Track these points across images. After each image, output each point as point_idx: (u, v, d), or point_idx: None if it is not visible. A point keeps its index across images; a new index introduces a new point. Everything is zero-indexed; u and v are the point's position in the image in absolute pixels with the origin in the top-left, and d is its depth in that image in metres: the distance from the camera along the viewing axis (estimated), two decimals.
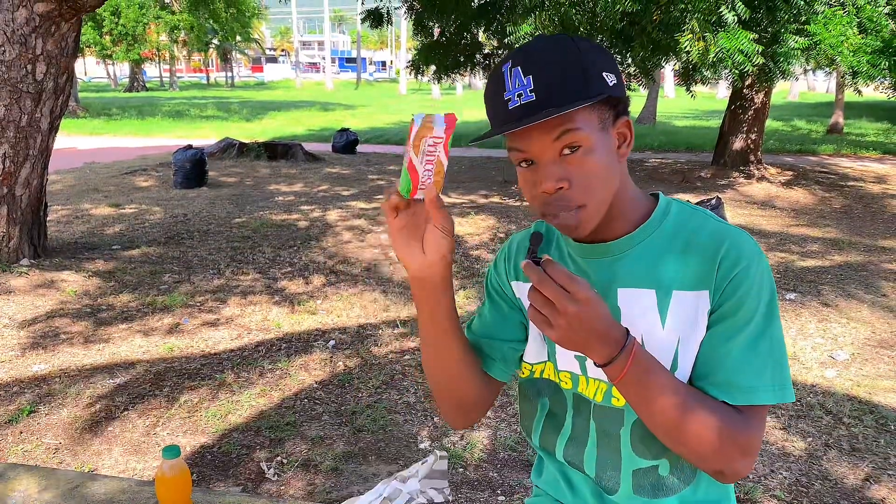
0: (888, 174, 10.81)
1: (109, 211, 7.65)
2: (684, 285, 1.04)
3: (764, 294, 1.02)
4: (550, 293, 0.91)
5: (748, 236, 1.05)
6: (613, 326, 0.96)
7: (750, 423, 1.01)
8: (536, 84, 0.97)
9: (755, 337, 1.01)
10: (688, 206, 1.11)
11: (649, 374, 0.98)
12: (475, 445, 2.95)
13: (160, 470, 1.33)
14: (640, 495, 1.13)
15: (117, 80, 48.01)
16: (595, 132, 1.00)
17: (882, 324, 4.47)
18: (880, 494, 2.62)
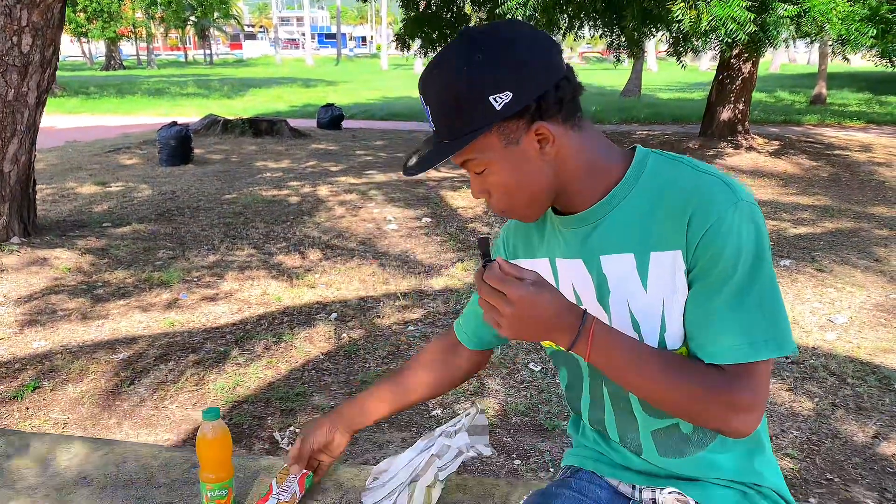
0: (873, 143, 10.89)
1: (96, 189, 7.53)
2: (660, 245, 1.02)
3: (745, 245, 0.96)
4: (489, 298, 0.95)
5: (722, 183, 0.99)
6: (563, 313, 0.96)
7: (740, 382, 0.97)
8: (431, 116, 1.03)
9: (739, 292, 0.97)
10: (667, 157, 1.07)
11: (615, 349, 0.99)
12: (487, 412, 2.96)
13: (201, 431, 1.31)
14: (667, 455, 1.13)
15: (93, 58, 47.14)
16: (498, 151, 1.01)
17: (876, 287, 4.53)
18: (890, 451, 2.67)
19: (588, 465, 1.24)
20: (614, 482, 1.20)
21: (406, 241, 5.63)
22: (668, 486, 1.13)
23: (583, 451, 1.28)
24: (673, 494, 1.12)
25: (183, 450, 1.61)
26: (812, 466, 2.57)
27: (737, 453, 1.12)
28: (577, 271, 1.11)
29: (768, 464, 1.15)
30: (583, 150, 1.04)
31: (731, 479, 1.11)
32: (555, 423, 2.85)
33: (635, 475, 1.17)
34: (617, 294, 1.06)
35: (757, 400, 0.99)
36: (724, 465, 1.11)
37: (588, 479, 1.22)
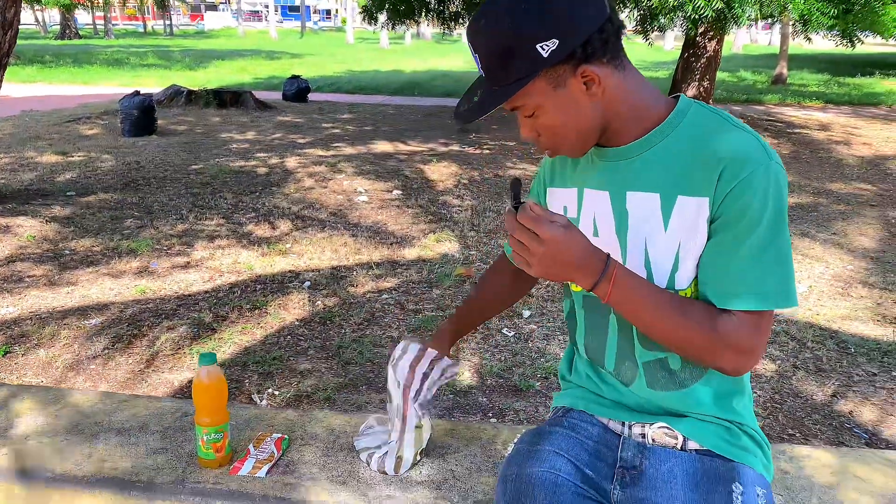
0: (831, 122, 11.16)
1: (57, 158, 7.37)
2: (688, 190, 1.07)
3: (770, 202, 1.02)
4: (521, 237, 1.00)
5: (758, 142, 1.05)
6: (590, 256, 1.03)
7: (746, 327, 1.04)
8: (481, 64, 1.07)
9: (759, 247, 1.03)
10: (708, 109, 1.12)
11: (634, 291, 1.05)
12: (463, 373, 3.01)
13: (197, 376, 1.33)
14: (654, 388, 1.19)
15: (47, 27, 45.65)
16: (546, 96, 1.06)
17: (835, 259, 4.68)
18: (847, 408, 2.79)
19: (579, 405, 1.29)
20: (605, 420, 1.26)
21: (377, 213, 5.64)
22: (658, 422, 1.19)
23: (574, 391, 1.33)
24: (662, 429, 1.18)
25: (173, 399, 1.63)
26: (775, 423, 2.69)
27: (719, 393, 1.18)
28: (601, 203, 1.16)
29: (747, 408, 1.22)
30: (627, 90, 1.09)
31: (714, 415, 1.18)
32: (529, 384, 2.92)
33: (625, 412, 1.23)
34: (635, 230, 1.12)
35: (759, 344, 1.06)
36: (707, 401, 1.17)
37: (579, 417, 1.27)
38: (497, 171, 7.28)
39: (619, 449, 1.20)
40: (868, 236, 5.23)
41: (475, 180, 6.83)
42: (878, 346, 3.34)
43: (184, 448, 1.43)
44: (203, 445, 1.35)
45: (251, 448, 1.43)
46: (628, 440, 1.21)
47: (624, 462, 1.19)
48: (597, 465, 1.18)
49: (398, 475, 1.39)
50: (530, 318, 3.62)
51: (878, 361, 3.19)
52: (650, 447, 1.19)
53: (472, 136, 9.45)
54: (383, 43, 35.29)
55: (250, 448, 1.42)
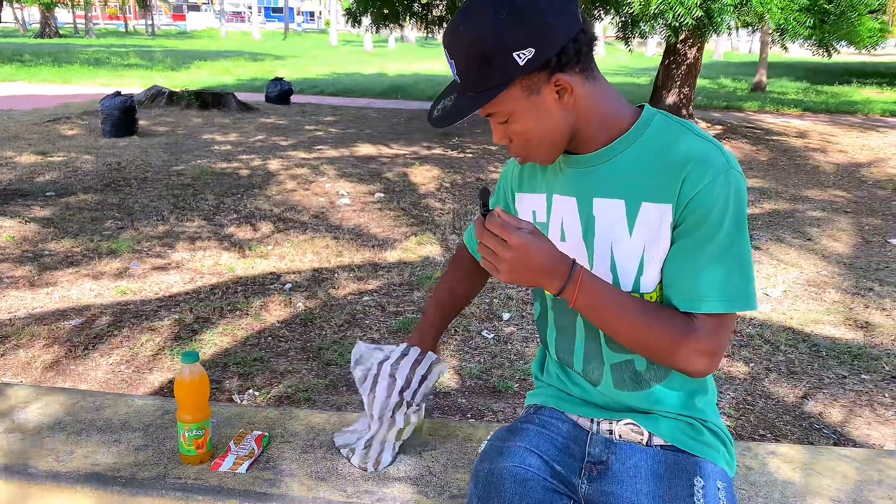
0: (808, 129, 11.33)
1: (36, 159, 7.32)
2: (652, 197, 1.11)
3: (730, 209, 1.06)
4: (489, 243, 1.04)
5: (720, 152, 1.08)
6: (556, 261, 1.07)
7: (708, 330, 1.09)
8: (456, 69, 1.09)
9: (720, 251, 1.07)
10: (671, 119, 1.16)
11: (600, 296, 1.09)
12: (442, 376, 3.04)
13: (180, 374, 1.36)
14: (621, 388, 1.23)
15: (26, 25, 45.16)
16: (520, 102, 1.09)
17: (809, 265, 4.77)
18: (817, 410, 2.86)
19: (550, 403, 1.34)
20: (574, 416, 1.30)
21: (359, 216, 5.67)
22: (625, 418, 1.23)
23: (545, 389, 1.37)
24: (628, 425, 1.23)
25: (154, 398, 1.65)
26: (747, 423, 2.75)
27: (683, 392, 1.23)
28: (568, 209, 1.19)
29: (710, 405, 1.26)
30: (596, 99, 1.12)
31: (678, 413, 1.22)
32: (507, 385, 2.96)
33: (593, 409, 1.27)
34: (602, 235, 1.16)
35: (720, 347, 1.11)
36: (671, 400, 1.22)
37: (550, 414, 1.31)
38: (479, 174, 7.33)
39: (587, 444, 1.25)
40: (842, 242, 5.34)
41: (457, 183, 6.88)
42: (848, 350, 3.42)
43: (165, 445, 1.46)
44: (185, 442, 1.37)
45: (232, 445, 1.45)
46: (596, 436, 1.25)
47: (591, 457, 1.23)
48: (566, 460, 1.22)
49: (377, 471, 1.42)
50: (510, 320, 3.66)
51: (848, 364, 3.27)
52: (617, 443, 1.24)
53: (455, 140, 9.50)
54: (367, 46, 35.29)
55: (231, 445, 1.45)
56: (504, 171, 1.38)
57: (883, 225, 5.89)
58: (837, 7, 8.18)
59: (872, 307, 4.01)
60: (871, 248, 5.22)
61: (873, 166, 8.50)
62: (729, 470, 1.24)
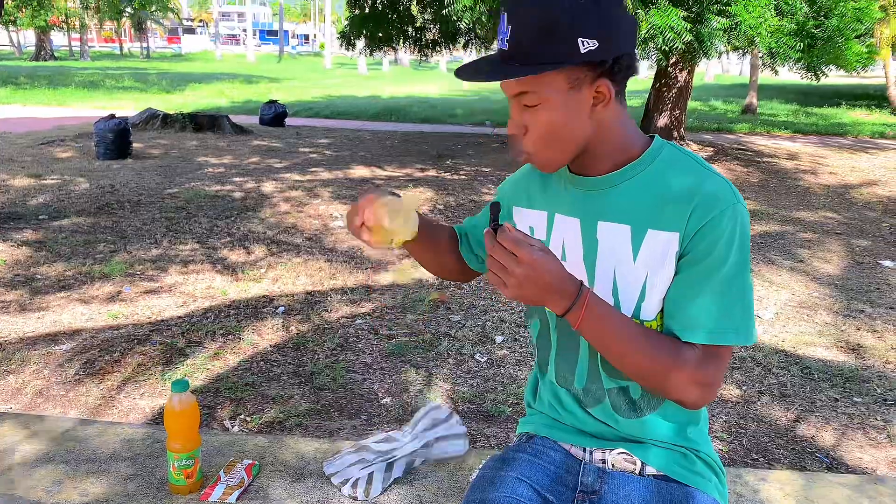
0: (799, 151, 11.43)
1: (30, 182, 7.31)
2: (658, 225, 1.12)
3: (736, 241, 1.08)
4: (500, 258, 1.02)
5: (727, 186, 1.11)
6: (565, 281, 1.05)
7: (709, 361, 1.10)
8: (512, 35, 1.05)
9: (726, 282, 1.09)
10: (680, 150, 1.18)
11: (604, 320, 1.08)
12: (435, 399, 3.04)
13: (170, 402, 1.35)
14: (618, 413, 1.23)
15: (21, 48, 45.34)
16: (559, 93, 1.07)
17: (800, 286, 4.80)
18: (809, 433, 2.86)
19: (542, 432, 1.33)
20: (567, 445, 1.30)
21: (353, 238, 5.67)
22: (618, 448, 1.23)
23: (537, 418, 1.37)
24: (621, 455, 1.23)
25: (144, 426, 1.64)
26: (739, 447, 2.75)
27: (675, 422, 1.23)
28: (571, 229, 1.19)
29: (702, 435, 1.27)
30: (618, 121, 1.14)
31: (671, 442, 1.22)
32: (500, 410, 2.96)
33: (586, 438, 1.27)
34: (604, 259, 1.16)
35: (718, 378, 1.11)
36: (664, 430, 1.22)
37: (542, 443, 1.31)
38: (472, 196, 7.35)
39: (580, 474, 1.24)
40: (833, 264, 5.37)
41: (451, 205, 6.90)
42: (840, 372, 3.42)
43: (155, 474, 1.45)
44: (174, 471, 1.37)
45: (222, 474, 1.45)
46: (589, 465, 1.25)
47: (584, 486, 1.23)
48: (558, 489, 1.22)
49: (368, 500, 1.41)
50: (502, 343, 3.66)
51: (840, 387, 3.28)
52: (610, 472, 1.23)
53: (448, 162, 9.54)
54: (361, 68, 35.54)
55: (221, 474, 1.45)
56: (503, 185, 1.38)
57: (873, 246, 5.93)
58: (825, 32, 8.28)
59: (864, 329, 4.02)
60: (862, 269, 5.25)
61: (863, 188, 8.57)
62: (721, 500, 1.24)
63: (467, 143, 11.72)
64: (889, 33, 16.76)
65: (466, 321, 3.91)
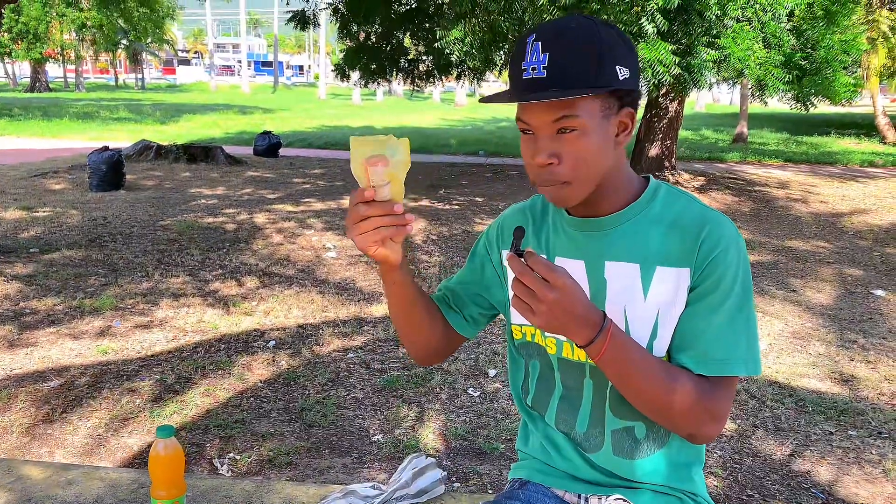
0: (790, 180, 11.51)
1: (21, 214, 7.30)
2: (667, 261, 1.13)
3: (741, 275, 1.10)
4: (531, 282, 0.99)
5: (729, 221, 1.14)
6: (592, 310, 1.04)
7: (720, 392, 1.10)
8: (550, 63, 1.04)
9: (732, 313, 1.10)
10: (675, 189, 1.20)
11: (626, 351, 1.07)
12: (427, 436, 3.01)
13: (154, 448, 1.33)
14: (619, 455, 1.22)
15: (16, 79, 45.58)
16: (595, 119, 1.07)
17: (793, 317, 4.80)
18: (805, 468, 2.84)
19: (536, 478, 1.31)
20: (560, 492, 1.28)
21: (346, 269, 5.66)
22: (615, 494, 1.21)
23: (530, 463, 1.34)
24: (618, 501, 1.21)
25: (129, 470, 1.62)
26: (734, 483, 2.72)
27: (678, 461, 1.22)
28: (575, 271, 1.16)
29: (700, 477, 1.26)
30: (624, 159, 1.16)
31: (670, 486, 1.21)
32: (493, 447, 2.92)
33: (581, 485, 1.25)
34: (614, 298, 1.15)
35: (727, 410, 1.12)
36: (665, 471, 1.21)
37: (535, 489, 1.29)
38: (466, 226, 7.36)
39: None
40: (825, 294, 5.38)
41: (444, 235, 6.91)
42: (834, 405, 3.41)
43: None
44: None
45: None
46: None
47: None
48: None
49: None
50: (496, 376, 3.64)
51: (834, 420, 3.26)
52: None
53: (441, 192, 9.57)
54: (355, 99, 35.79)
55: None
56: (488, 230, 1.35)
57: (865, 276, 5.94)
58: (813, 64, 8.39)
59: (857, 359, 4.02)
60: (855, 299, 5.26)
61: (854, 217, 8.62)
62: None
63: (461, 172, 11.77)
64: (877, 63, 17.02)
65: (459, 354, 3.89)
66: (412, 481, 1.50)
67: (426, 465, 1.54)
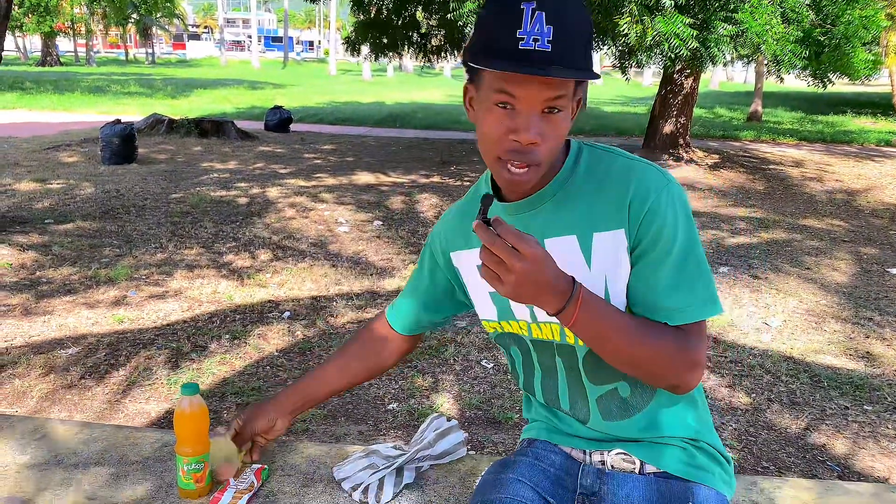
0: (804, 159, 11.40)
1: (35, 186, 7.33)
2: (602, 226, 1.11)
3: (680, 220, 1.08)
4: (500, 252, 0.95)
5: (655, 169, 1.11)
6: (560, 278, 1.01)
7: (692, 339, 1.09)
8: (556, 37, 0.98)
9: (680, 260, 1.09)
10: (597, 147, 1.17)
11: (598, 314, 1.05)
12: (442, 406, 3.02)
13: (179, 406, 1.34)
14: (610, 419, 1.22)
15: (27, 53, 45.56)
16: (569, 101, 1.06)
17: (808, 294, 4.77)
18: (820, 441, 2.84)
19: (542, 436, 1.33)
20: (567, 448, 1.29)
21: (358, 244, 5.67)
22: (616, 448, 1.22)
23: (537, 424, 1.36)
24: (620, 455, 1.22)
25: (153, 430, 1.63)
26: (750, 456, 2.72)
27: (672, 411, 1.21)
28: None
29: (702, 420, 1.25)
30: None
31: (670, 436, 1.21)
32: (507, 416, 2.94)
33: (584, 441, 1.27)
34: None
35: (704, 355, 1.11)
36: (662, 423, 1.21)
37: (543, 447, 1.30)
38: None
39: (579, 476, 1.24)
40: (840, 271, 5.34)
41: None
42: (850, 380, 3.40)
43: (164, 478, 1.44)
44: (183, 476, 1.35)
45: (231, 478, 1.43)
46: (588, 467, 1.25)
47: (584, 488, 1.22)
48: (558, 491, 1.21)
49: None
50: None
51: (850, 395, 3.25)
52: (609, 473, 1.23)
53: (453, 168, 9.54)
54: (365, 75, 35.62)
55: (230, 478, 1.43)
56: (433, 233, 1.35)
57: (881, 254, 5.90)
58: (832, 40, 8.27)
59: (873, 337, 4.00)
60: (870, 277, 5.23)
61: (869, 195, 8.54)
62: (727, 490, 1.22)
63: (471, 149, 11.72)
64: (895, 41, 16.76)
65: (472, 327, 3.89)
66: (435, 442, 1.50)
67: (449, 427, 1.54)
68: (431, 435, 1.51)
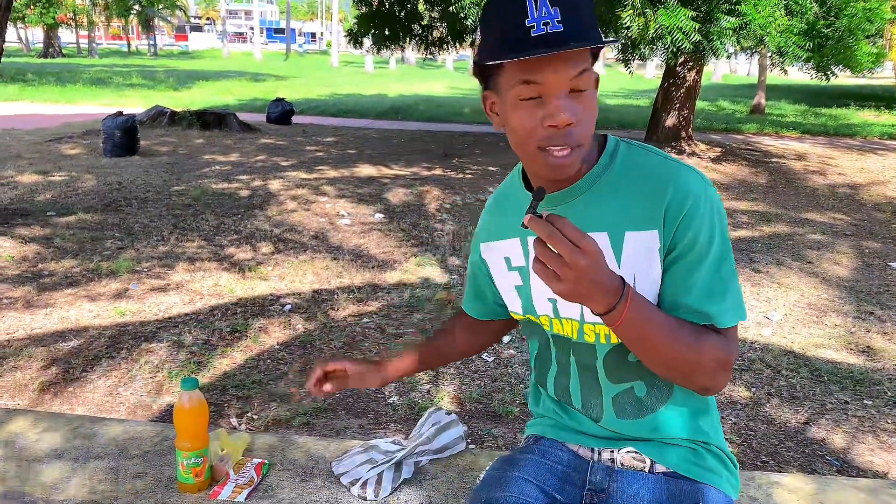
0: (807, 152, 11.37)
1: (37, 178, 7.33)
2: (635, 226, 1.10)
3: (716, 225, 1.08)
4: (561, 247, 0.92)
5: (694, 171, 1.10)
6: (613, 277, 1.00)
7: (727, 341, 1.10)
8: (564, 16, 0.98)
9: (716, 264, 1.08)
10: (634, 144, 1.16)
11: (644, 315, 1.04)
12: (442, 399, 3.03)
13: (179, 400, 1.34)
14: (624, 417, 1.22)
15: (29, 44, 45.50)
16: (591, 78, 1.04)
17: (809, 288, 4.76)
18: (820, 436, 2.84)
19: (549, 433, 1.32)
20: (574, 447, 1.28)
21: (359, 237, 5.67)
22: (626, 447, 1.22)
23: (543, 420, 1.36)
24: (630, 453, 1.22)
25: (152, 423, 1.64)
26: (749, 450, 2.73)
27: (686, 414, 1.21)
28: None
29: (713, 426, 1.25)
30: None
31: (681, 438, 1.21)
32: (508, 410, 2.94)
33: (593, 439, 1.26)
34: None
35: (734, 358, 1.11)
36: (674, 424, 1.21)
37: (549, 444, 1.30)
38: (479, 195, 7.34)
39: (588, 473, 1.23)
40: (842, 266, 5.33)
41: (457, 204, 6.89)
42: (850, 375, 3.40)
43: (163, 472, 1.44)
44: (183, 470, 1.36)
45: (231, 473, 1.44)
46: (597, 464, 1.24)
47: (593, 485, 1.22)
48: (566, 489, 1.21)
49: (377, 500, 1.40)
50: (510, 343, 3.65)
51: (850, 389, 3.25)
52: (618, 470, 1.22)
53: (455, 161, 9.53)
54: (368, 67, 35.53)
55: (230, 473, 1.43)
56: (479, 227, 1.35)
57: (883, 248, 5.89)
58: (836, 32, 8.24)
59: (874, 331, 3.99)
60: (872, 271, 5.22)
61: (872, 189, 8.52)
62: (733, 494, 1.22)
63: (474, 141, 11.70)
64: None
65: None
66: (434, 437, 1.51)
67: (449, 422, 1.55)
68: (430, 430, 1.52)
